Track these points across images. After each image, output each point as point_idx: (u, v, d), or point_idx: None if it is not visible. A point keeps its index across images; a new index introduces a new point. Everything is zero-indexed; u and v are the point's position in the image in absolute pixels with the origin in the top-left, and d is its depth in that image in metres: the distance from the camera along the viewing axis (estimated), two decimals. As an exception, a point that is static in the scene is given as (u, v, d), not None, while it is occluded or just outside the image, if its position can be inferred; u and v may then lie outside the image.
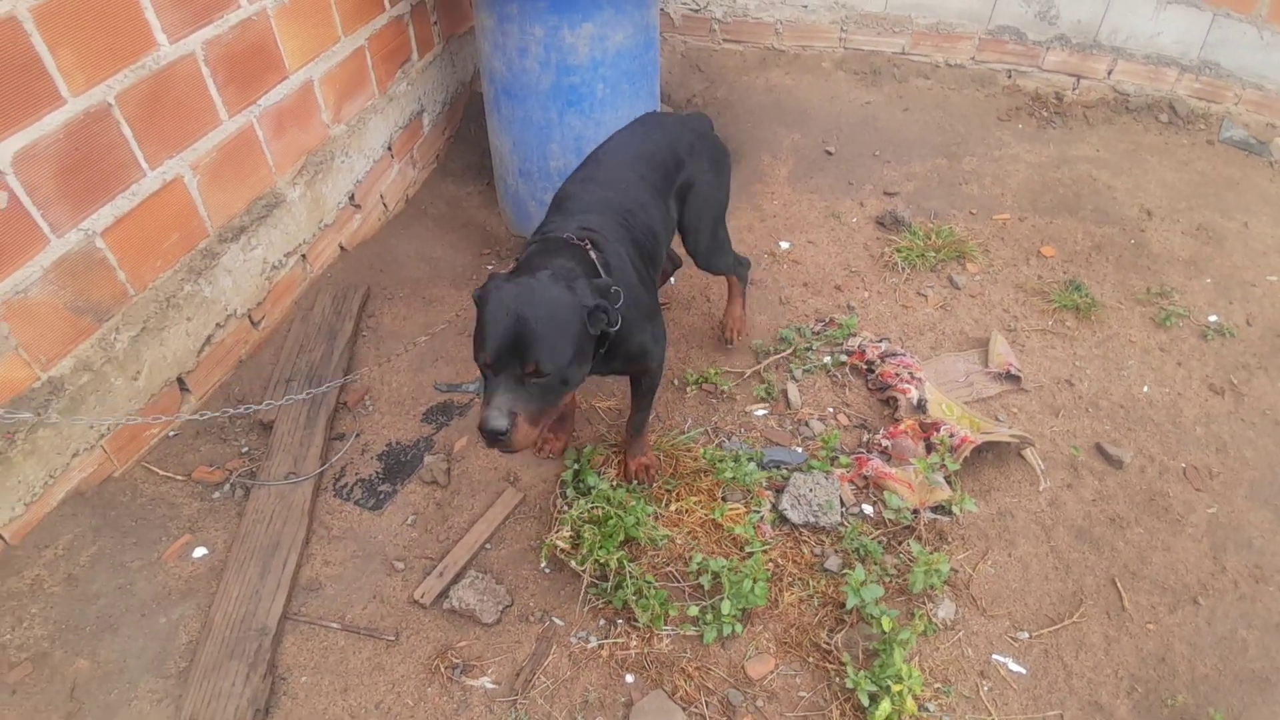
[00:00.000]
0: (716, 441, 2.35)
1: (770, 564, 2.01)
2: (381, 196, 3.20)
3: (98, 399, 2.07)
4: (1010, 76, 3.96)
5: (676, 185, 2.21)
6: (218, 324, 2.42)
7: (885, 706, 1.64)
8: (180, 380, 2.34)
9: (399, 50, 3.15)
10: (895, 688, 1.65)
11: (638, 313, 1.85)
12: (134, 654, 1.82)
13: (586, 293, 1.60)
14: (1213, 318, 2.80)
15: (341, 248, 3.01)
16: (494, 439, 1.51)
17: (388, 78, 3.11)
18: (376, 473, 2.29)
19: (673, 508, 2.13)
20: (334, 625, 1.91)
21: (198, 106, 2.24)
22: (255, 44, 2.39)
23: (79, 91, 1.92)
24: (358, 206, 3.04)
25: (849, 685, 1.71)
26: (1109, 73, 3.82)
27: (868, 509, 2.18)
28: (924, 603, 1.92)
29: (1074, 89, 3.90)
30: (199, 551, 2.04)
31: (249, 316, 2.56)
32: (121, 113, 2.02)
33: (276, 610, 1.89)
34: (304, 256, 2.79)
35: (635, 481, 2.16)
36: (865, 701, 1.68)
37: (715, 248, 2.39)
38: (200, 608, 1.92)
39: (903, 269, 3.00)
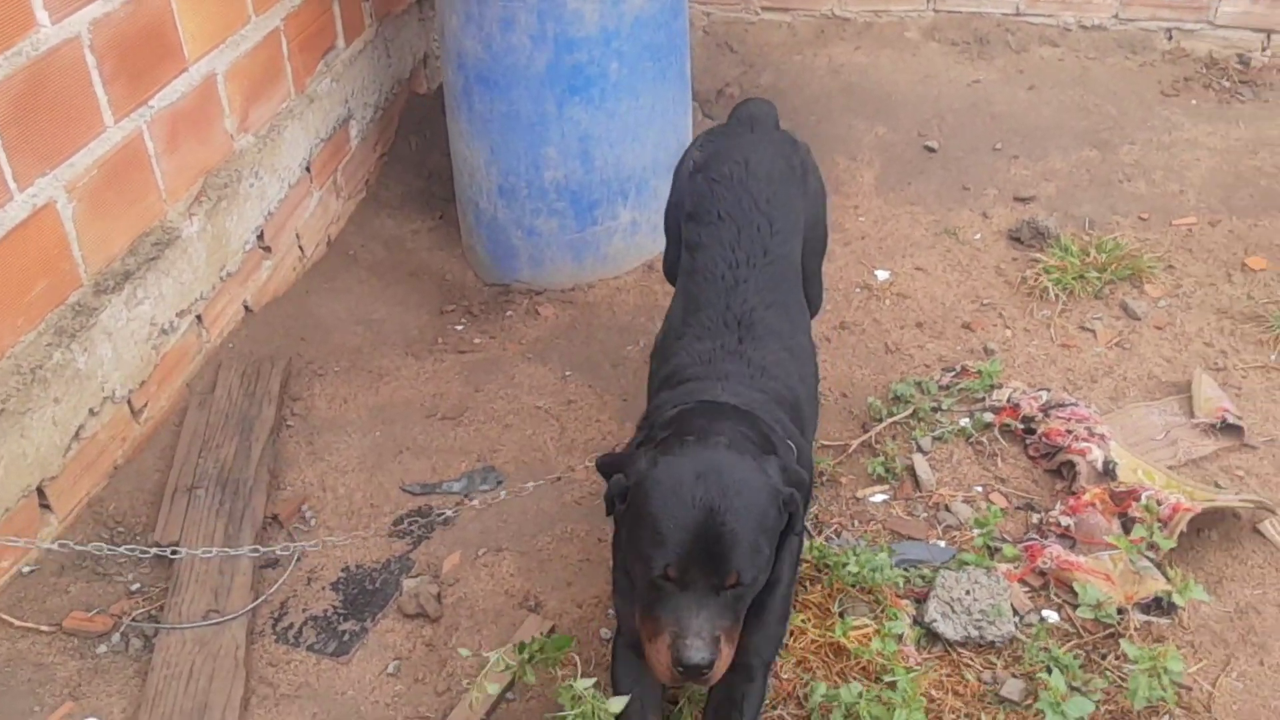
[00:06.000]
0: (822, 537, 2.61)
1: (924, 701, 2.23)
2: (298, 236, 3.58)
3: (-59, 510, 2.32)
4: (1171, 37, 4.51)
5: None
6: (91, 410, 2.71)
7: None
8: (40, 491, 2.60)
9: (321, 35, 3.63)
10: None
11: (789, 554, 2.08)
12: None
13: (777, 474, 1.88)
14: None
15: (246, 308, 3.35)
16: (697, 674, 1.76)
17: (307, 71, 3.56)
18: (333, 607, 2.52)
19: (772, 629, 2.36)
20: (299, 817, 2.10)
21: (79, 106, 2.63)
22: (150, 25, 2.82)
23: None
24: (268, 249, 3.41)
25: (1063, 836, 1.92)
26: (1312, 24, 4.38)
27: (1051, 616, 2.43)
28: (1151, 730, 2.15)
29: (1263, 49, 4.45)
30: (89, 725, 2.24)
31: (129, 402, 2.85)
32: (-9, 113, 2.40)
33: (216, 796, 2.08)
34: (199, 318, 3.12)
35: None
36: None
37: (819, 293, 2.85)
38: (102, 800, 2.11)
39: (1056, 297, 3.38)
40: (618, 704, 1.92)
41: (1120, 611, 2.38)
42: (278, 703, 2.31)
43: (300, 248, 3.62)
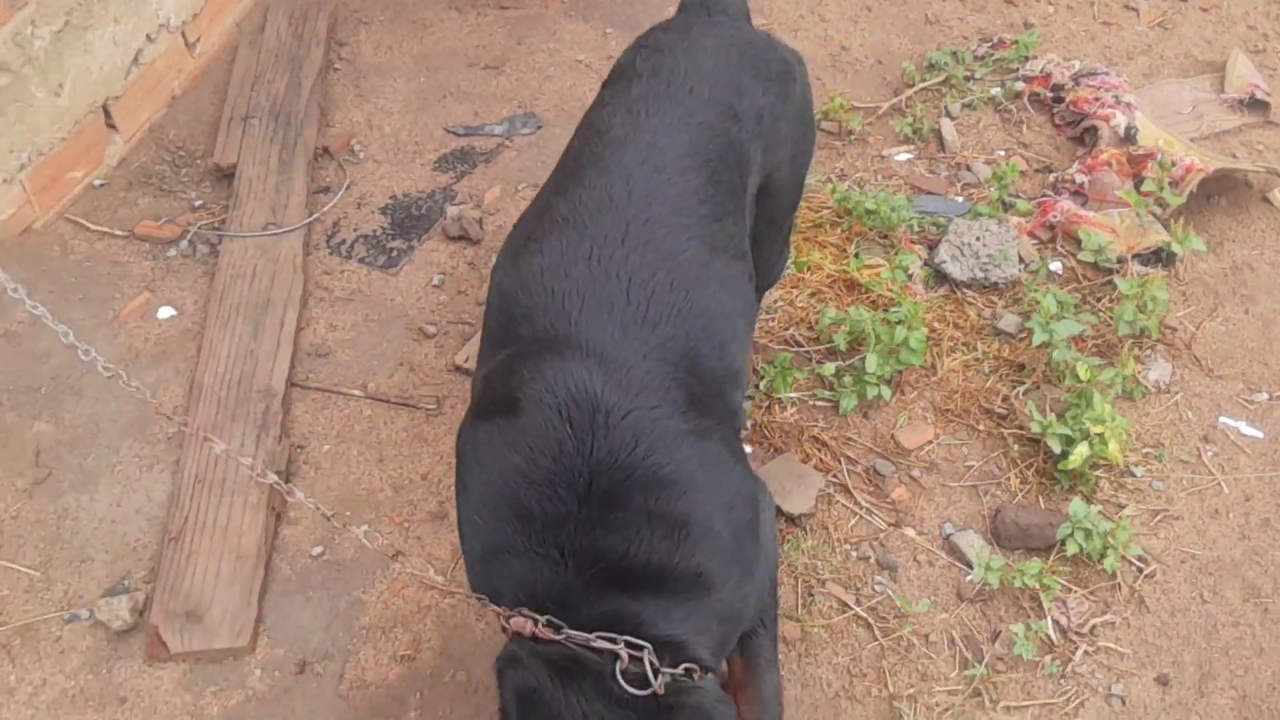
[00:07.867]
0: (845, 186, 2.74)
1: (925, 329, 2.41)
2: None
3: (17, 111, 2.48)
4: None
5: (747, 204, 1.80)
6: (148, 35, 2.81)
7: (1081, 451, 2.07)
8: (106, 110, 2.75)
9: None
10: (1095, 428, 2.08)
11: None
12: (107, 417, 2.27)
13: None
14: None
15: (292, -47, 3.37)
16: None
17: None
18: (382, 228, 2.71)
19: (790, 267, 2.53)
20: (356, 393, 2.35)
21: None
22: None
23: None
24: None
25: (1034, 431, 2.14)
26: None
27: (1055, 266, 2.58)
28: (1132, 356, 2.34)
29: None
30: (165, 312, 2.48)
31: (183, 34, 2.95)
32: None
33: (281, 372, 2.33)
34: (245, -42, 3.16)
35: None
36: (1056, 448, 2.11)
37: (781, 261, 2.17)
38: (180, 371, 2.37)
39: (1104, -27, 3.36)
40: None
41: (1120, 261, 2.52)
42: (333, 304, 2.54)
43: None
